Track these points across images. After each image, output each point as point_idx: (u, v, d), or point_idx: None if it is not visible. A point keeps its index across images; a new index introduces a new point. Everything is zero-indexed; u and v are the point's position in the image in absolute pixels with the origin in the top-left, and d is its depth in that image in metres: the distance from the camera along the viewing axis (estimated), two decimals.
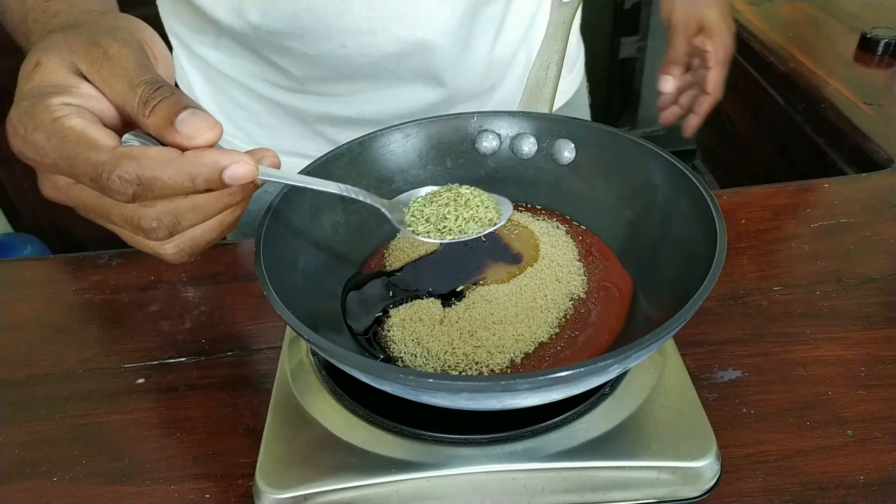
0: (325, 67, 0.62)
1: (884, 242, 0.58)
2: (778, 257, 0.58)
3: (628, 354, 0.31)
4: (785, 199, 0.65)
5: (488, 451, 0.39)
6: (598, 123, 0.52)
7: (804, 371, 0.47)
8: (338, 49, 0.60)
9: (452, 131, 0.53)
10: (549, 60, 0.55)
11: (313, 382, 0.43)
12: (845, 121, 0.76)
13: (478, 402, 0.34)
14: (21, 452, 0.46)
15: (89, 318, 0.57)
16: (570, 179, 0.52)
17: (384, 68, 0.63)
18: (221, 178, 0.32)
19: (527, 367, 0.41)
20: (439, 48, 0.62)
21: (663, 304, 0.42)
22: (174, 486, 0.43)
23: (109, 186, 0.31)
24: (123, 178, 0.31)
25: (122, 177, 0.31)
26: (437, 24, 0.60)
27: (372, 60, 0.62)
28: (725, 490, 0.40)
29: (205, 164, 0.32)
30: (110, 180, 0.31)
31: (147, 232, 0.34)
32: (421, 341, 0.43)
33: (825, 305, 0.52)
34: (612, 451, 0.38)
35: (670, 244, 0.45)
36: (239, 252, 0.63)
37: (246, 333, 0.54)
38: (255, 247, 0.39)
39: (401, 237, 0.52)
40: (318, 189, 0.39)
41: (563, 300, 0.45)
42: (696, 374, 0.47)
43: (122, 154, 0.31)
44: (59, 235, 1.64)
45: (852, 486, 0.40)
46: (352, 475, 0.38)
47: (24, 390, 0.50)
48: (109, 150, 0.31)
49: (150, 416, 0.47)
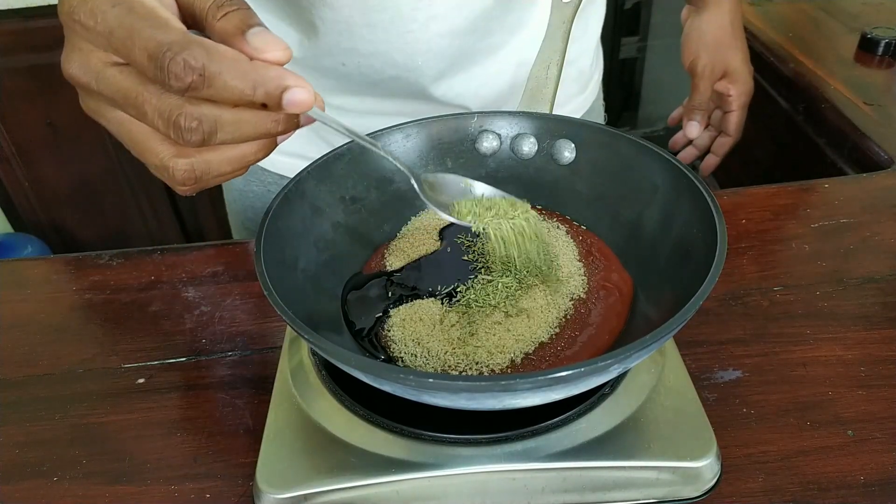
0: (327, 80, 0.62)
1: (884, 242, 0.58)
2: (778, 257, 0.58)
3: (628, 354, 0.31)
4: (785, 200, 0.65)
5: (488, 451, 0.39)
6: (598, 123, 0.52)
7: (804, 371, 0.47)
8: (338, 67, 0.60)
9: (452, 131, 0.53)
10: (549, 60, 0.55)
11: (313, 382, 0.43)
12: (845, 121, 0.76)
13: (478, 402, 0.34)
14: (21, 452, 0.45)
15: (89, 318, 0.57)
16: (570, 179, 0.52)
17: (384, 87, 0.63)
18: (282, 96, 0.31)
19: (527, 367, 0.41)
20: (438, 74, 0.62)
21: (663, 304, 0.42)
22: (174, 486, 0.43)
23: (170, 68, 0.29)
24: (188, 63, 0.29)
25: (188, 61, 0.29)
26: (436, 52, 0.60)
27: (371, 82, 0.62)
28: (725, 490, 0.40)
29: (271, 78, 0.31)
30: (174, 61, 0.29)
31: (183, 131, 0.31)
32: (421, 341, 0.43)
33: (825, 305, 0.52)
34: (612, 451, 0.38)
35: (670, 244, 0.45)
36: (239, 252, 0.63)
37: (246, 333, 0.54)
38: (255, 247, 0.39)
39: (402, 234, 0.52)
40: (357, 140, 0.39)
41: (563, 300, 0.45)
42: (696, 374, 0.47)
43: (194, 40, 0.30)
44: (59, 235, 1.64)
45: (852, 486, 0.40)
46: (352, 475, 0.38)
47: (23, 390, 0.50)
48: (181, 33, 0.30)
49: (150, 416, 0.47)
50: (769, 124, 0.95)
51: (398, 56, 0.59)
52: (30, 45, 1.35)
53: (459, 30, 0.59)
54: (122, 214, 1.63)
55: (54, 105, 1.43)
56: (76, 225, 1.64)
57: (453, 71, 0.62)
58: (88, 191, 1.57)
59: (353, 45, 0.59)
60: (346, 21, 0.58)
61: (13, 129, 1.46)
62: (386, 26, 0.57)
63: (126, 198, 1.60)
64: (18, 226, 1.64)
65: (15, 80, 1.39)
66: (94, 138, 1.48)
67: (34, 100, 1.42)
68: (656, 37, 2.00)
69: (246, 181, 0.73)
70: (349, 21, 0.57)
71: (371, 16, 0.57)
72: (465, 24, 0.59)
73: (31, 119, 1.44)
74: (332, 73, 0.62)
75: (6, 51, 1.36)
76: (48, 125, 1.46)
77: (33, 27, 1.34)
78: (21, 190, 1.55)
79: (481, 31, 0.61)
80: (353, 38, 0.58)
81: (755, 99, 0.76)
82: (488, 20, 0.60)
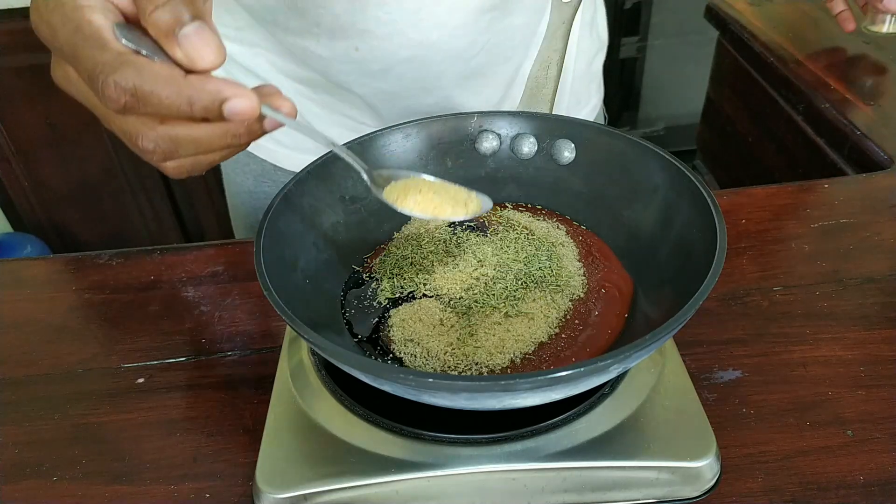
0: (338, 71, 0.62)
1: (884, 242, 0.58)
2: (778, 257, 0.58)
3: (628, 354, 0.31)
4: (785, 200, 0.65)
5: (488, 451, 0.39)
6: (598, 123, 0.52)
7: (804, 371, 0.47)
8: (350, 52, 0.60)
9: (452, 131, 0.53)
10: (549, 60, 0.55)
11: (313, 382, 0.43)
12: (845, 121, 0.76)
13: (478, 402, 0.34)
14: (21, 452, 0.45)
15: (89, 318, 0.57)
16: (570, 179, 0.52)
17: (396, 74, 0.62)
18: (221, 110, 0.30)
19: (527, 367, 0.41)
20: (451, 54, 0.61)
21: (663, 304, 0.42)
22: (174, 486, 0.43)
23: (103, 90, 0.29)
24: (119, 85, 0.29)
25: (119, 83, 0.29)
26: (450, 28, 0.59)
27: (384, 67, 0.61)
28: (725, 490, 0.40)
29: (207, 91, 0.30)
30: (105, 83, 0.29)
31: (143, 152, 0.32)
32: (421, 341, 0.43)
33: (825, 305, 0.52)
34: (612, 451, 0.38)
35: (670, 244, 0.45)
36: (239, 252, 0.63)
37: (246, 333, 0.54)
38: (255, 247, 0.39)
39: (402, 234, 0.52)
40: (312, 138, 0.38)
41: (563, 300, 0.45)
42: (696, 374, 0.47)
43: (125, 60, 0.29)
44: (59, 235, 1.64)
45: (852, 486, 0.40)
46: (352, 475, 0.38)
47: (23, 390, 0.50)
48: (115, 53, 0.30)
49: (150, 416, 0.47)
50: (769, 124, 0.95)
51: (412, 33, 0.59)
52: (30, 45, 1.35)
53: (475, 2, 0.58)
54: (122, 214, 1.63)
55: (54, 105, 1.43)
56: (76, 225, 1.64)
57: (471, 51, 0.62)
58: (88, 191, 1.57)
59: (366, 26, 0.58)
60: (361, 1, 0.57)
61: (13, 129, 1.46)
62: (400, 2, 0.57)
63: (126, 198, 1.60)
64: (18, 226, 1.64)
65: (15, 80, 1.39)
66: (94, 138, 1.48)
67: (34, 100, 1.42)
68: (656, 37, 2.00)
69: (257, 182, 0.73)
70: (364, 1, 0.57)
71: None
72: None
73: (31, 119, 1.44)
74: (344, 59, 0.61)
75: (6, 51, 1.36)
76: (48, 125, 1.46)
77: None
78: (21, 190, 1.55)
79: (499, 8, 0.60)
80: (366, 19, 0.58)
81: (755, 99, 0.76)
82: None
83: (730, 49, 1.05)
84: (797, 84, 0.86)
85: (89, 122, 1.46)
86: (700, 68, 1.27)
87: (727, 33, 1.05)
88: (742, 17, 1.04)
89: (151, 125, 0.32)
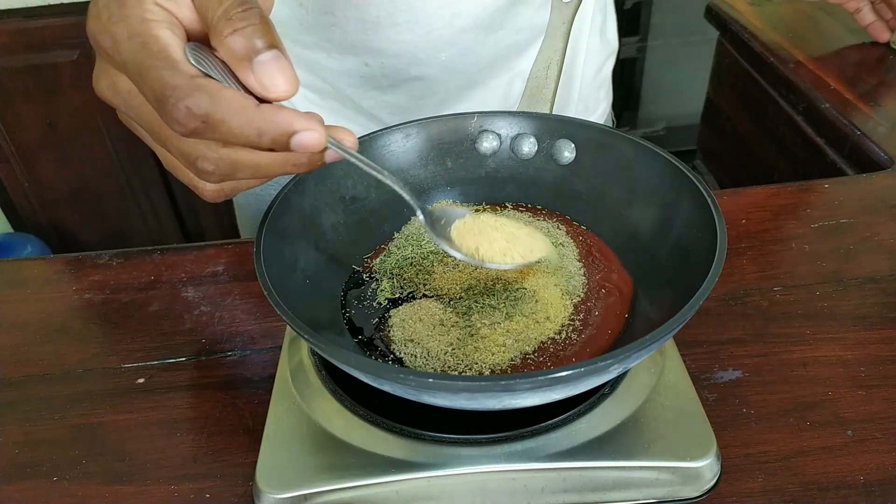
0: (347, 84, 0.62)
1: (884, 242, 0.58)
2: (778, 257, 0.58)
3: (628, 354, 0.31)
4: (785, 200, 0.65)
5: (488, 451, 0.39)
6: (598, 123, 0.52)
7: (804, 371, 0.47)
8: (360, 67, 0.60)
9: (452, 131, 0.53)
10: (549, 60, 0.55)
11: (313, 382, 0.43)
12: (845, 121, 0.76)
13: (478, 402, 0.34)
14: (21, 452, 0.45)
15: (89, 318, 0.57)
16: (570, 179, 0.52)
17: (404, 90, 0.62)
18: (289, 142, 0.30)
19: (527, 368, 0.41)
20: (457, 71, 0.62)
21: (663, 304, 0.42)
22: (174, 486, 0.43)
23: (172, 114, 0.29)
24: (191, 111, 0.28)
25: (191, 109, 0.28)
26: (459, 48, 0.60)
27: (392, 83, 0.61)
28: (725, 490, 0.40)
29: (277, 124, 0.30)
30: (176, 107, 0.28)
31: (200, 173, 0.32)
32: (421, 341, 0.43)
33: (825, 306, 0.52)
34: (612, 451, 0.38)
35: (670, 244, 0.45)
36: (239, 252, 0.63)
37: (246, 333, 0.54)
38: (255, 247, 0.39)
39: (402, 234, 0.52)
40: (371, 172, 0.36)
41: (563, 300, 0.45)
42: (696, 374, 0.47)
43: (199, 85, 0.29)
44: (59, 235, 1.64)
45: (852, 486, 0.40)
46: (352, 475, 0.38)
47: (23, 390, 0.50)
48: (187, 77, 0.29)
49: (150, 416, 0.47)
50: (769, 124, 0.95)
51: (422, 54, 0.59)
52: (30, 45, 1.35)
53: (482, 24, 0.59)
54: (122, 214, 1.63)
55: (54, 105, 1.43)
56: (76, 225, 1.64)
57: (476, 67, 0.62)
58: (88, 191, 1.57)
59: (378, 45, 0.58)
60: (373, 21, 0.57)
61: (13, 129, 1.45)
62: (412, 25, 0.57)
63: (126, 198, 1.60)
64: (18, 226, 1.64)
65: (15, 80, 1.39)
66: (94, 138, 1.48)
67: (34, 100, 1.42)
68: (656, 37, 2.00)
69: (264, 185, 0.73)
70: (375, 21, 0.57)
71: (397, 15, 0.57)
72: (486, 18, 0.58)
73: (31, 119, 1.44)
74: (353, 73, 0.61)
75: (6, 51, 1.36)
76: (48, 125, 1.46)
77: (33, 27, 1.34)
78: (21, 190, 1.55)
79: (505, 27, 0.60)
80: (378, 38, 0.58)
81: (755, 99, 0.76)
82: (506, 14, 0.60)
83: (730, 49, 1.05)
84: (797, 84, 0.86)
85: (89, 122, 1.46)
86: (700, 68, 1.27)
87: (727, 33, 1.05)
88: (742, 17, 1.04)
89: (214, 148, 0.31)
